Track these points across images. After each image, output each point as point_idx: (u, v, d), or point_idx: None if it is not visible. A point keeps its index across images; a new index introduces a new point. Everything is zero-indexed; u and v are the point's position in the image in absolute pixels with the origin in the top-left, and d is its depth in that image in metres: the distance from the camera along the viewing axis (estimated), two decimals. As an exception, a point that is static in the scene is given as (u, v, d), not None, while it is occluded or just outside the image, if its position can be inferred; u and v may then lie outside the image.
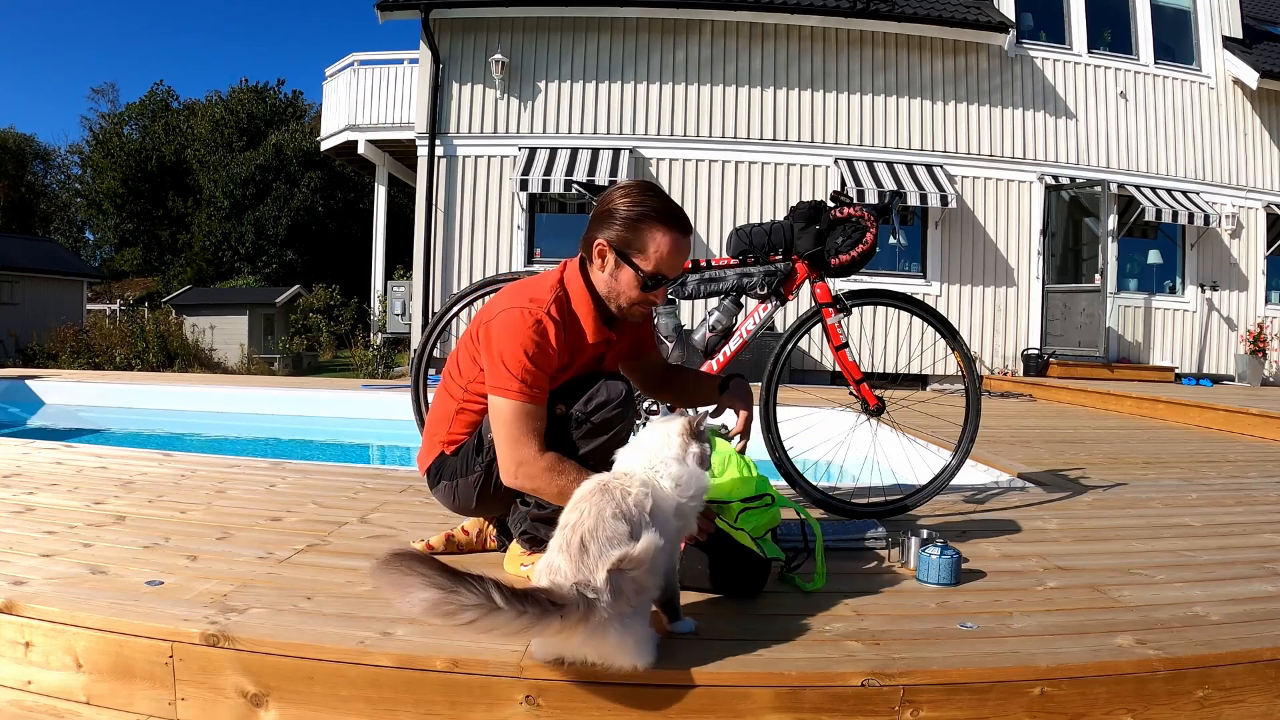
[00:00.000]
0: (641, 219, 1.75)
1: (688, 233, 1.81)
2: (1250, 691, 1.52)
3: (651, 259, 1.76)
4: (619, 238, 1.76)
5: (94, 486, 2.76)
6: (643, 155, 10.08)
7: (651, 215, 1.76)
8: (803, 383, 7.71)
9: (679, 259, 1.79)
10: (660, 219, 1.76)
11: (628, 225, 1.75)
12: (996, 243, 10.33)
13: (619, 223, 1.76)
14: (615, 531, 1.35)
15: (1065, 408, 7.13)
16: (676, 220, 1.78)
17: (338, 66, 12.23)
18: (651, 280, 1.78)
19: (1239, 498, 3.13)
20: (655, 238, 1.76)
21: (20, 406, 6.77)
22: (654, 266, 1.77)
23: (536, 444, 1.69)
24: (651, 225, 1.76)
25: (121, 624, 1.52)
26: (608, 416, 1.79)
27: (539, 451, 1.69)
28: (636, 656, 1.35)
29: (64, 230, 32.25)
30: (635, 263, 1.77)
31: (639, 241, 1.76)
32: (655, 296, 1.82)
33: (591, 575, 1.30)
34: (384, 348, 11.49)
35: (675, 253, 1.77)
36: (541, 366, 1.72)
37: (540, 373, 1.71)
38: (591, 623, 1.28)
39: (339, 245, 26.19)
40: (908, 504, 2.62)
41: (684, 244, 1.80)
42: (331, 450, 5.95)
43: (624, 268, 1.78)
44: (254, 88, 29.87)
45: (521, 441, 1.69)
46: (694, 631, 1.56)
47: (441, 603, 1.21)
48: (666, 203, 1.79)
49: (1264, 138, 10.91)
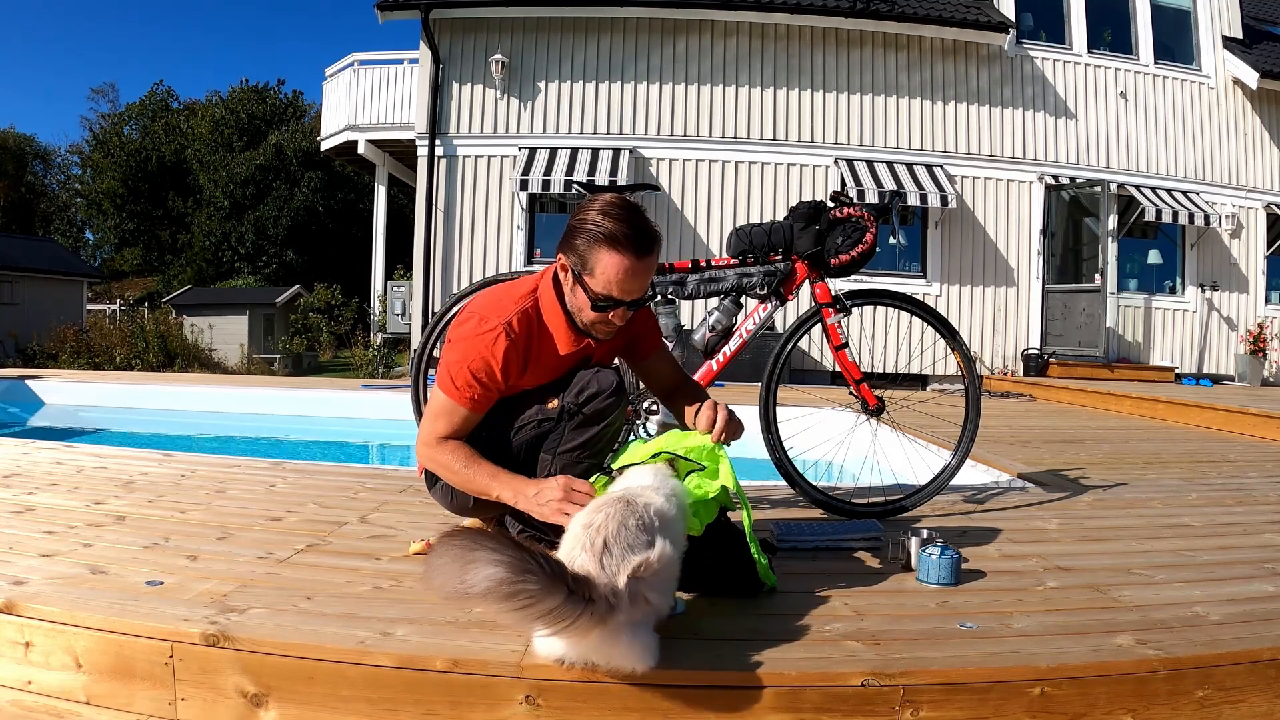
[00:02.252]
0: (593, 240, 1.71)
1: (644, 255, 1.73)
2: (1250, 691, 1.52)
3: (600, 281, 1.73)
4: (576, 257, 1.75)
5: (94, 486, 2.76)
6: (643, 155, 10.08)
7: (601, 237, 1.70)
8: (803, 383, 7.71)
9: (632, 282, 1.73)
10: (610, 243, 1.70)
11: (584, 245, 1.73)
12: (996, 243, 10.33)
13: (578, 241, 1.74)
14: (636, 539, 1.36)
15: (1065, 408, 7.13)
16: (631, 243, 1.71)
17: (338, 66, 12.23)
18: (602, 302, 1.75)
19: (1239, 498, 3.13)
20: (603, 261, 1.71)
21: (20, 406, 6.77)
22: (602, 289, 1.73)
23: (445, 430, 1.80)
24: (601, 248, 1.71)
25: (121, 624, 1.52)
26: (600, 407, 1.81)
27: (442, 437, 1.80)
28: (640, 661, 1.36)
29: (64, 230, 32.22)
30: (586, 283, 1.75)
31: (590, 263, 1.73)
32: (613, 317, 1.79)
33: (614, 578, 1.31)
34: (384, 348, 11.49)
35: (626, 276, 1.72)
36: (485, 383, 1.77)
37: (481, 389, 1.77)
38: (609, 625, 1.29)
39: (339, 245, 26.17)
40: (907, 504, 2.62)
41: (638, 267, 1.72)
42: (331, 450, 5.95)
43: (578, 287, 1.77)
44: (254, 88, 29.84)
45: (436, 422, 1.81)
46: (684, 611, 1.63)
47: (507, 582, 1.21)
48: (624, 225, 1.71)
49: (1264, 138, 10.91)
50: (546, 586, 1.22)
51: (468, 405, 1.78)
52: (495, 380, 1.78)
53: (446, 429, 1.80)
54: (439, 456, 1.80)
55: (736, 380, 7.53)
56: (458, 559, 1.23)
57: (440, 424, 1.80)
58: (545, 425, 1.83)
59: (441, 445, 1.80)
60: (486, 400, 1.80)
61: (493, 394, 1.80)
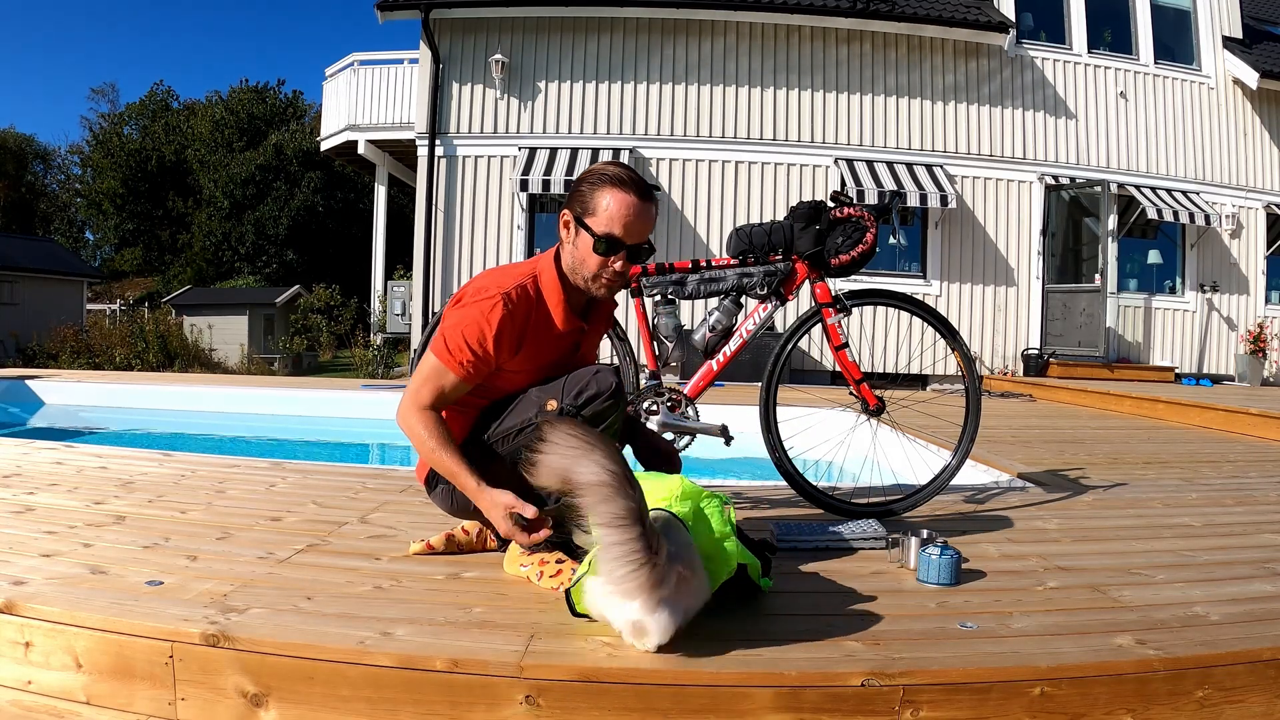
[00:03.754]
0: (596, 184, 1.82)
1: (645, 198, 1.82)
2: (1250, 691, 1.52)
3: (603, 219, 1.80)
4: (578, 205, 1.83)
5: (94, 486, 2.76)
6: (643, 155, 10.08)
7: (605, 178, 1.81)
8: (803, 383, 7.71)
9: (635, 222, 1.80)
10: (614, 182, 1.80)
11: (586, 191, 1.82)
12: (996, 243, 10.33)
13: (581, 188, 1.84)
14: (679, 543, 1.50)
15: (1065, 408, 7.13)
16: (632, 184, 1.81)
17: (338, 66, 12.23)
18: (605, 242, 1.80)
19: (1239, 498, 3.13)
20: (606, 198, 1.79)
21: (20, 406, 6.76)
22: (605, 227, 1.79)
23: (429, 397, 1.81)
24: (603, 187, 1.80)
25: (121, 624, 1.52)
26: (599, 409, 1.81)
27: (425, 405, 1.81)
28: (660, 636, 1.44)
29: (64, 230, 32.22)
30: (589, 225, 1.81)
31: (592, 204, 1.81)
32: (615, 263, 1.83)
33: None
34: (384, 348, 11.49)
35: (629, 213, 1.79)
36: (477, 351, 1.79)
37: (475, 357, 1.79)
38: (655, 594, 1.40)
39: (339, 245, 26.17)
40: (907, 504, 2.62)
41: (640, 207, 1.80)
42: (331, 450, 5.95)
43: (582, 234, 1.83)
44: (254, 88, 29.84)
45: (422, 388, 1.81)
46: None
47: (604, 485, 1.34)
48: (625, 170, 1.83)
49: (1264, 138, 10.91)
50: (637, 513, 1.35)
51: (457, 371, 1.79)
52: (487, 350, 1.79)
53: (430, 396, 1.81)
54: (415, 424, 1.80)
55: (737, 380, 7.53)
56: (578, 446, 1.37)
57: (425, 390, 1.81)
58: None
59: (422, 413, 1.80)
60: (477, 371, 1.81)
61: (483, 366, 1.81)
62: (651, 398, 2.59)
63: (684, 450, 2.63)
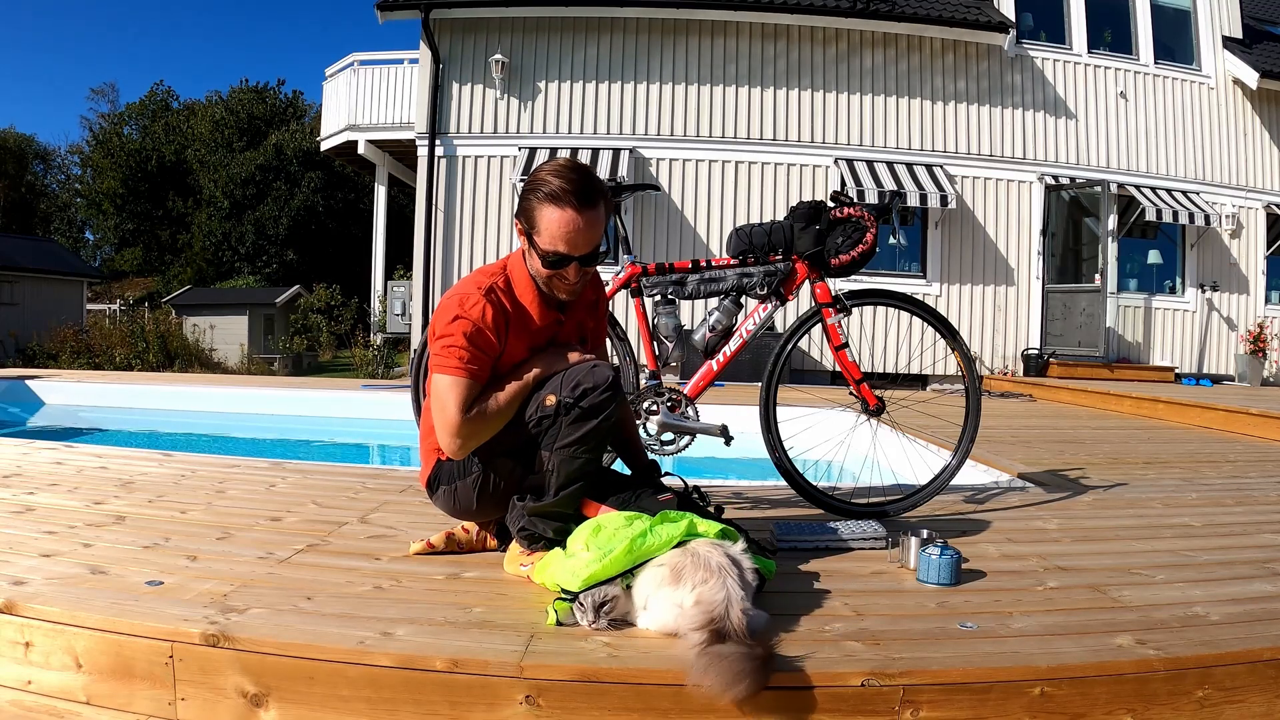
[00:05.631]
0: (537, 200, 1.80)
1: (586, 207, 1.77)
2: (1250, 691, 1.52)
3: (546, 238, 1.79)
4: (526, 220, 1.83)
5: (94, 486, 2.76)
6: (643, 155, 10.08)
7: (544, 195, 1.78)
8: (803, 383, 7.70)
9: (577, 236, 1.78)
10: (551, 199, 1.77)
11: (531, 206, 1.81)
12: (996, 243, 10.33)
13: (527, 204, 1.82)
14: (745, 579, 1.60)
15: (1065, 408, 7.13)
16: (573, 197, 1.76)
17: (338, 67, 12.23)
18: (552, 258, 1.80)
19: (1239, 498, 3.13)
20: (547, 217, 1.78)
21: (20, 406, 6.76)
22: (550, 244, 1.79)
23: (458, 408, 1.79)
24: (544, 205, 1.78)
25: (121, 624, 1.52)
26: (595, 402, 1.81)
27: (458, 414, 1.79)
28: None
29: (64, 230, 32.21)
30: (535, 242, 1.81)
31: (535, 221, 1.80)
32: (567, 274, 1.84)
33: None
34: (384, 348, 11.49)
35: (569, 230, 1.77)
36: (478, 345, 1.80)
37: (477, 351, 1.80)
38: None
39: (339, 245, 26.16)
40: (907, 504, 2.62)
41: (579, 220, 1.76)
42: (331, 450, 5.95)
43: (532, 250, 1.84)
44: (254, 88, 29.83)
45: (448, 406, 1.80)
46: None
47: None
48: (565, 181, 1.76)
49: (1264, 138, 10.91)
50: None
51: (473, 376, 1.80)
52: (490, 343, 1.81)
53: (458, 407, 1.80)
54: (474, 424, 1.80)
55: (737, 380, 7.53)
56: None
57: (455, 406, 1.80)
58: (544, 423, 1.83)
59: (469, 415, 1.80)
60: (485, 368, 1.83)
61: (488, 360, 1.83)
62: (651, 397, 2.59)
63: (684, 450, 2.63)
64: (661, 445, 2.59)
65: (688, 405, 2.61)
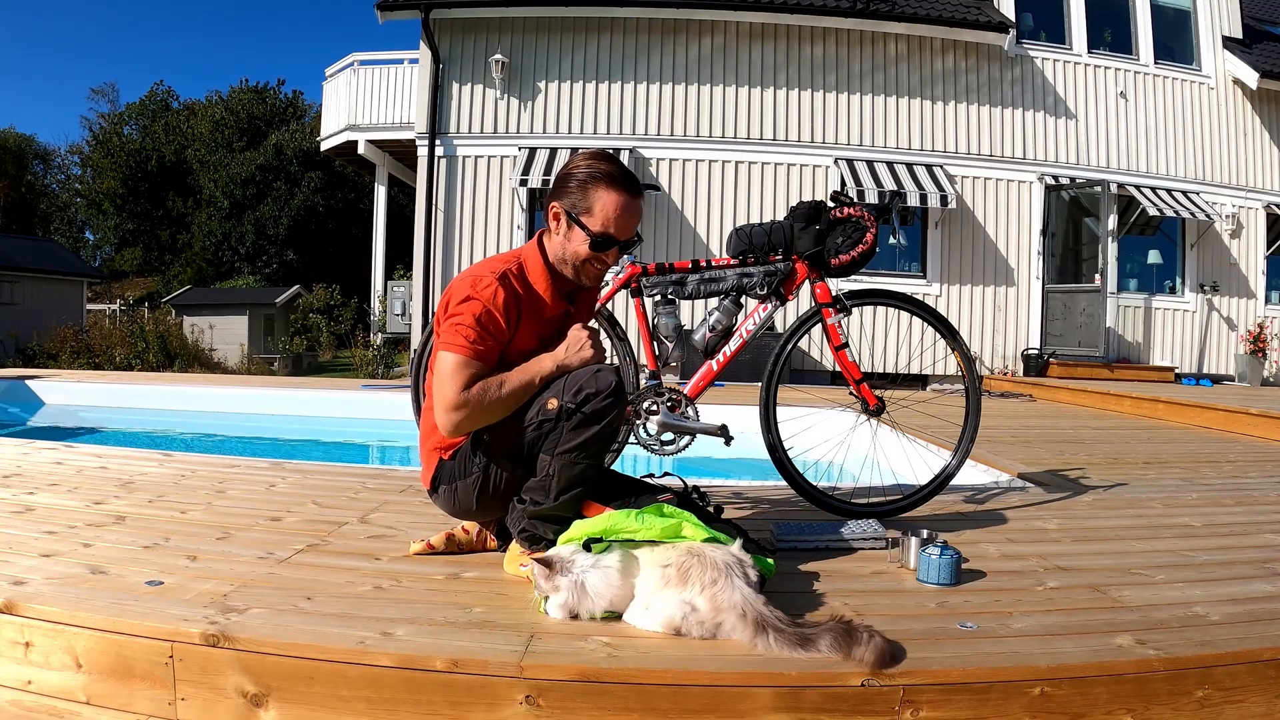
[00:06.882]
0: (589, 182, 1.86)
1: (637, 195, 1.89)
2: (1250, 691, 1.52)
3: (598, 219, 1.86)
4: (570, 201, 1.87)
5: (94, 486, 2.76)
6: (643, 155, 10.08)
7: (600, 177, 1.86)
8: (803, 383, 7.70)
9: (627, 220, 1.88)
10: (608, 181, 1.86)
11: (578, 188, 1.86)
12: (996, 243, 10.33)
13: (571, 187, 1.87)
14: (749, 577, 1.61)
15: (1065, 408, 7.13)
16: (626, 182, 1.87)
17: (338, 67, 12.23)
18: (600, 240, 1.86)
19: (1239, 498, 3.13)
20: (602, 198, 1.85)
21: (20, 406, 6.76)
22: (600, 226, 1.86)
23: (458, 388, 1.79)
24: (599, 187, 1.86)
25: (121, 624, 1.52)
26: (598, 408, 1.81)
27: (458, 392, 1.78)
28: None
29: (64, 230, 32.21)
30: (584, 223, 1.86)
31: (587, 202, 1.85)
32: (606, 257, 1.90)
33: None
34: (384, 348, 11.48)
35: (622, 213, 1.86)
36: (487, 327, 1.81)
37: (486, 333, 1.81)
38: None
39: (339, 245, 26.16)
40: (907, 504, 2.62)
41: (632, 205, 1.88)
42: (331, 450, 5.95)
43: (574, 229, 1.87)
44: (254, 88, 29.83)
45: (450, 384, 1.79)
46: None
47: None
48: (617, 167, 1.88)
49: (1264, 138, 10.91)
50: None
51: (478, 357, 1.81)
52: (499, 327, 1.83)
53: (461, 384, 1.79)
54: (471, 404, 1.78)
55: (737, 380, 7.53)
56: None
57: (455, 383, 1.79)
58: (545, 426, 1.83)
59: (467, 393, 1.78)
60: (492, 351, 1.83)
61: (496, 344, 1.84)
62: (651, 397, 2.59)
63: (684, 450, 2.63)
64: (661, 445, 2.59)
65: (688, 405, 2.61)
